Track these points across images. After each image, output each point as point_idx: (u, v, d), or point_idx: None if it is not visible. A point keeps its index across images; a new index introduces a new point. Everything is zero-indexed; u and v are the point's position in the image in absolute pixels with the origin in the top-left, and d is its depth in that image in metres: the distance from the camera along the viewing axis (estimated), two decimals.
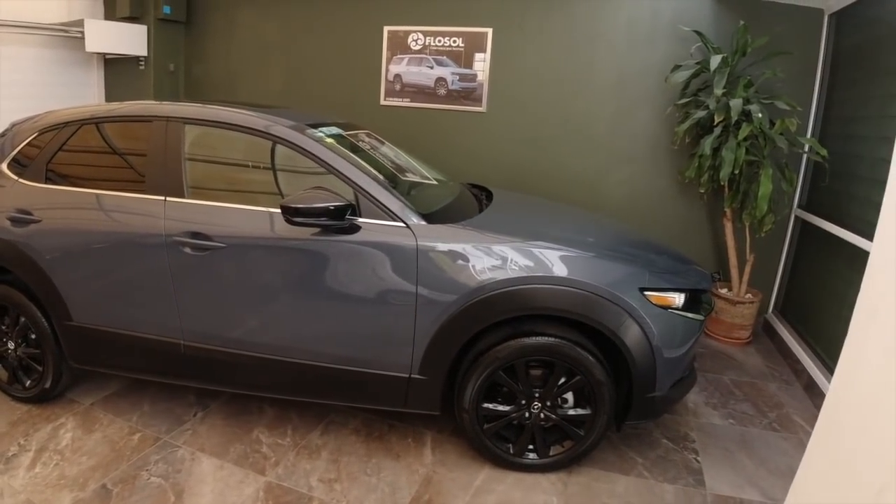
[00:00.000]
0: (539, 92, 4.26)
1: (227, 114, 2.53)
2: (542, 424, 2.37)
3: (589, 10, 4.05)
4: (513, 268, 2.21)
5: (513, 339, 2.26)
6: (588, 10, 4.05)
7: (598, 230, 2.99)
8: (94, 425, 2.70)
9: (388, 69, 4.63)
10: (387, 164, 2.82)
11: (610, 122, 4.14)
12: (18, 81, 4.89)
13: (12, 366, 2.86)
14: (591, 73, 4.12)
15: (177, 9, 5.34)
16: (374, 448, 2.58)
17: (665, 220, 4.09)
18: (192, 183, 2.45)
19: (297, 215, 2.16)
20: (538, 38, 4.19)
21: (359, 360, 2.37)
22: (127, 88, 5.57)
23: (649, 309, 2.25)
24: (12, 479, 2.32)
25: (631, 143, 4.11)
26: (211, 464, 2.44)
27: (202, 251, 2.37)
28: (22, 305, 2.71)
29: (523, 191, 4.01)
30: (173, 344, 2.53)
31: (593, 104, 4.15)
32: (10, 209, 2.65)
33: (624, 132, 4.11)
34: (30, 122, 2.89)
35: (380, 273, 2.26)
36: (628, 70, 4.03)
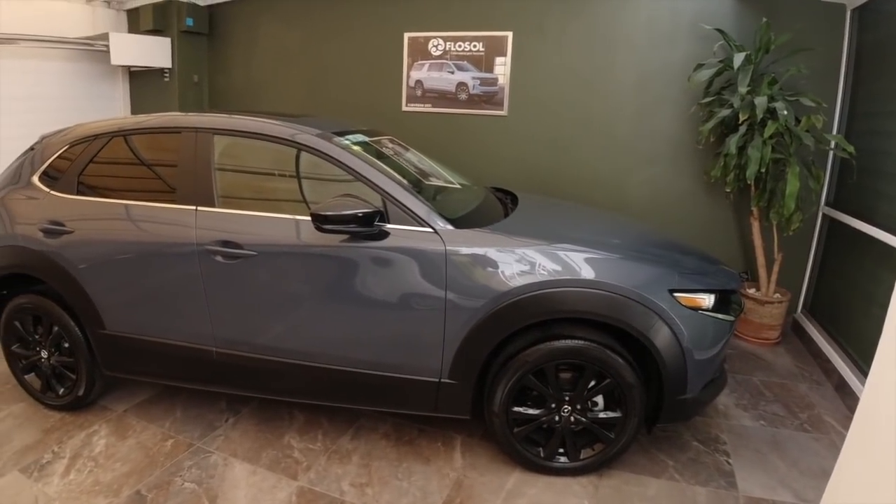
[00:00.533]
0: (560, 94, 4.25)
1: (254, 124, 2.56)
2: (573, 428, 2.37)
3: (609, 11, 4.04)
4: (541, 271, 2.21)
5: (542, 342, 2.26)
6: (608, 10, 4.04)
7: (625, 232, 2.97)
8: (128, 432, 2.75)
9: (410, 75, 4.66)
10: (412, 170, 2.84)
11: (632, 122, 4.12)
12: (45, 95, 5.00)
13: (45, 374, 2.91)
14: (613, 74, 4.10)
15: (199, 21, 5.44)
16: (404, 452, 2.59)
17: (690, 221, 4.05)
18: (222, 192, 2.49)
19: (327, 223, 2.18)
20: (558, 40, 4.19)
21: (389, 366, 2.38)
22: (152, 100, 5.66)
23: (679, 310, 2.23)
24: (46, 486, 2.36)
25: (654, 144, 4.09)
26: (244, 469, 2.47)
27: (233, 259, 2.41)
28: (55, 315, 2.77)
29: (546, 193, 4.00)
30: (205, 351, 2.57)
31: (615, 105, 4.14)
32: (43, 220, 2.71)
33: (646, 132, 4.08)
34: (59, 135, 2.95)
35: (409, 278, 2.27)
36: (650, 70, 4.01)
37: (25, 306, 2.84)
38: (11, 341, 2.94)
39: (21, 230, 2.77)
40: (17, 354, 2.96)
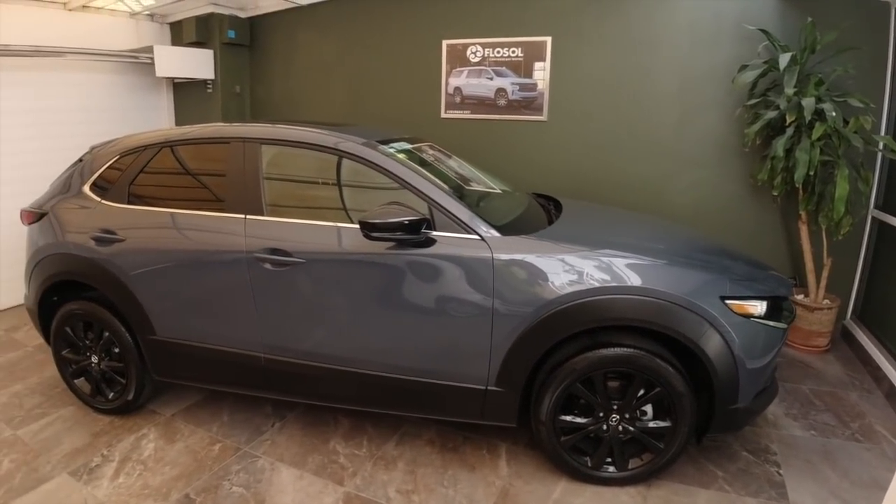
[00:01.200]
0: (601, 98, 4.21)
1: (301, 133, 2.60)
2: (621, 437, 2.33)
3: (649, 14, 3.99)
4: (589, 278, 2.18)
5: (590, 350, 2.23)
6: (648, 13, 3.99)
7: (671, 237, 2.93)
8: (176, 436, 2.80)
9: (448, 82, 4.67)
10: (455, 178, 2.84)
11: (675, 126, 4.05)
12: (93, 107, 5.13)
13: (95, 379, 2.99)
14: (654, 77, 4.04)
15: (240, 33, 5.55)
16: (449, 459, 2.58)
17: (736, 225, 3.96)
18: (270, 201, 2.53)
19: (375, 230, 2.20)
20: (598, 44, 4.15)
21: (435, 373, 2.38)
22: (195, 111, 5.79)
23: (731, 318, 2.18)
24: (96, 489, 2.42)
25: (698, 147, 4.01)
26: (290, 474, 2.49)
27: (282, 266, 2.44)
28: (106, 321, 2.84)
29: (589, 198, 3.96)
30: (254, 357, 2.60)
31: (657, 108, 4.07)
32: (95, 229, 2.78)
33: (690, 136, 4.01)
34: (109, 146, 3.03)
35: (455, 286, 2.27)
36: (692, 72, 3.94)
37: (76, 312, 2.91)
38: (62, 346, 3.03)
39: (72, 238, 2.85)
40: (68, 359, 3.04)
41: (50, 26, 4.71)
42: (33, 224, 3.06)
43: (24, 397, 3.19)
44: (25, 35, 4.46)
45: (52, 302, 3.04)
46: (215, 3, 5.30)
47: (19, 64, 4.51)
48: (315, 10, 5.24)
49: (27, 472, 2.52)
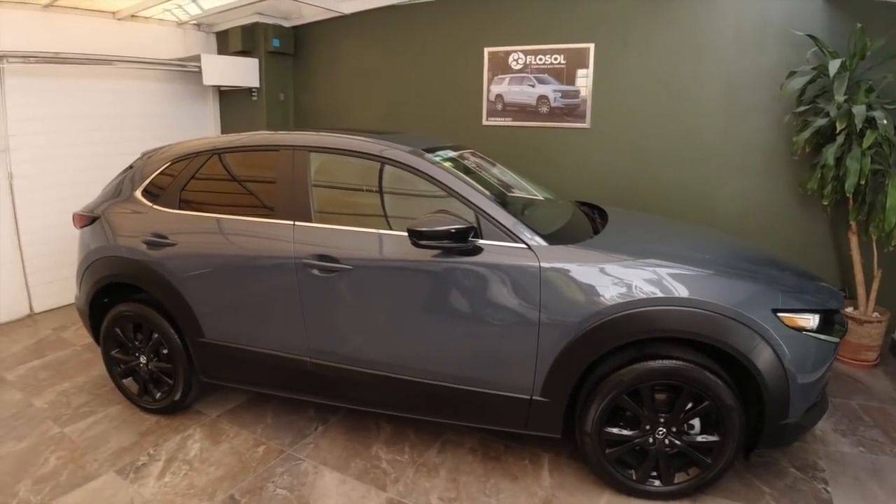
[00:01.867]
0: (645, 105, 4.17)
1: (349, 141, 2.64)
2: (667, 450, 2.29)
3: (694, 19, 3.93)
4: (637, 289, 2.16)
5: (638, 362, 2.21)
6: (693, 18, 3.93)
7: (720, 247, 2.88)
8: (221, 437, 2.85)
9: (490, 90, 4.67)
10: (499, 185, 2.85)
11: (721, 133, 3.98)
12: (141, 113, 5.29)
13: (143, 379, 3.06)
14: (700, 84, 3.98)
15: (285, 42, 5.66)
16: (491, 468, 2.58)
17: (785, 235, 3.88)
18: (318, 208, 2.57)
19: (423, 238, 2.21)
20: (642, 50, 4.11)
21: (480, 381, 2.38)
22: (241, 118, 5.92)
23: (783, 331, 2.14)
24: (142, 487, 2.47)
25: (745, 155, 3.94)
26: (333, 478, 2.52)
27: (329, 273, 2.47)
28: (155, 322, 2.91)
29: (632, 207, 3.90)
30: (300, 361, 2.64)
31: (703, 115, 4.01)
32: (146, 233, 2.86)
33: (737, 143, 3.94)
34: (160, 152, 3.12)
35: (502, 294, 2.27)
36: (739, 78, 3.86)
37: (126, 314, 3.00)
38: (111, 346, 3.11)
39: (124, 242, 2.94)
40: (117, 359, 3.12)
41: (100, 35, 4.86)
42: (85, 227, 3.16)
43: (71, 395, 3.29)
44: (76, 43, 4.62)
45: (103, 303, 3.13)
46: (260, 13, 5.41)
47: (70, 71, 4.67)
48: (358, 19, 5.32)
49: (74, 470, 2.59)
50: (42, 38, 4.43)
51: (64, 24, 4.63)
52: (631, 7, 4.10)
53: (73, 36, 4.65)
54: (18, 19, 4.35)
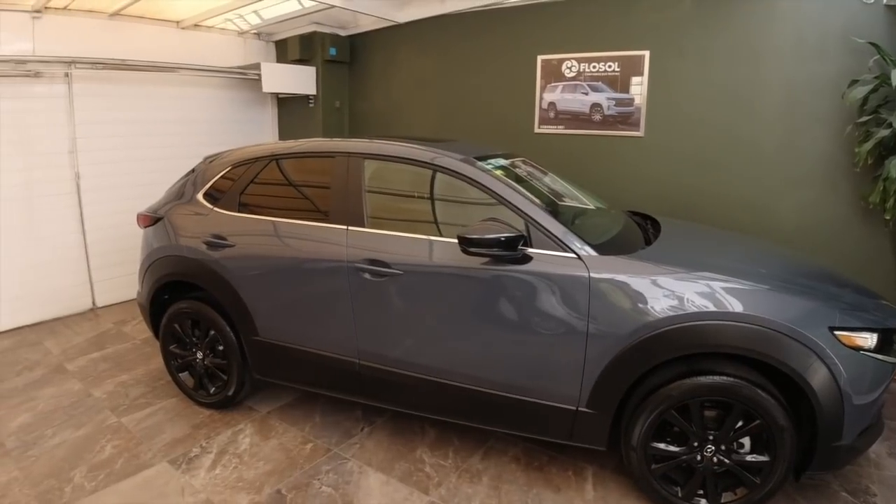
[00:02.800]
0: (701, 114, 4.08)
1: (402, 149, 2.71)
2: (715, 469, 2.24)
3: (752, 27, 3.84)
4: (689, 302, 2.13)
5: (687, 377, 2.17)
6: (751, 26, 3.84)
7: (776, 261, 2.81)
8: (271, 433, 2.94)
9: (542, 97, 4.67)
10: (550, 194, 2.85)
11: (780, 142, 3.86)
12: (203, 119, 5.53)
13: (199, 374, 3.19)
14: (758, 91, 3.88)
15: (341, 50, 5.82)
16: (534, 478, 2.58)
17: (845, 250, 3.72)
18: (370, 213, 2.64)
19: (473, 245, 2.24)
20: (699, 57, 4.03)
21: (526, 390, 2.39)
22: (298, 124, 6.10)
23: (839, 350, 2.07)
24: (193, 478, 2.57)
25: (804, 166, 3.81)
26: (377, 479, 2.57)
27: (380, 277, 2.53)
28: (212, 320, 3.03)
29: (686, 218, 3.84)
30: (349, 362, 2.71)
31: (761, 124, 3.90)
32: (207, 234, 2.99)
33: (797, 154, 3.81)
34: (221, 157, 3.25)
35: (550, 303, 2.28)
36: (798, 87, 3.75)
37: (185, 310, 3.13)
38: (170, 341, 3.25)
39: (186, 242, 3.07)
40: (174, 354, 3.27)
41: (164, 43, 5.11)
42: (149, 227, 3.31)
43: (130, 387, 3.46)
44: (141, 51, 4.86)
45: (163, 300, 3.28)
46: (318, 23, 5.57)
47: (135, 78, 4.92)
48: (413, 28, 5.41)
49: (128, 459, 2.72)
50: (109, 46, 4.68)
51: (130, 33, 4.88)
52: (687, 14, 4.03)
53: (138, 44, 4.90)
54: (86, 27, 4.61)
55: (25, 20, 4.27)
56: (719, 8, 3.91)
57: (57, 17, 4.43)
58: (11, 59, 4.14)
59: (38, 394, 3.36)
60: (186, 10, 4.99)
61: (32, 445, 2.82)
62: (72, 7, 4.43)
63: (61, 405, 3.23)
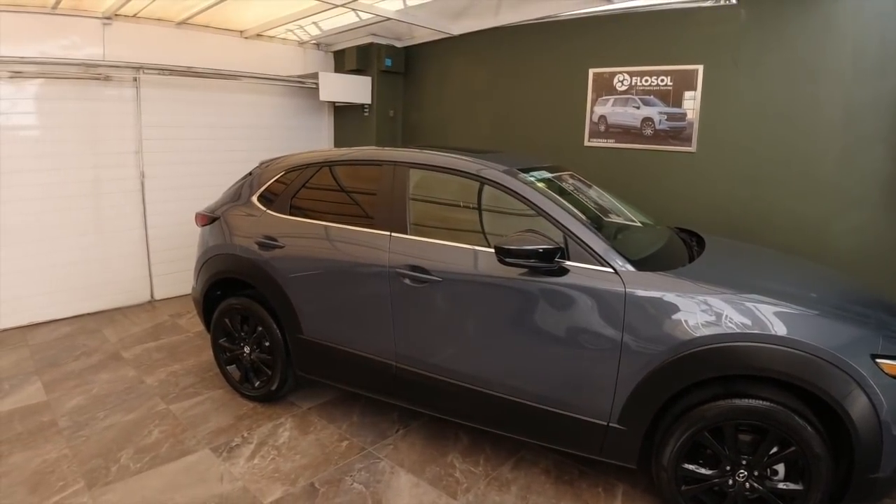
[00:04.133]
0: (755, 130, 3.98)
1: (446, 159, 2.78)
2: (747, 495, 2.19)
3: (810, 41, 3.73)
4: (727, 322, 2.11)
5: (723, 398, 2.14)
6: (809, 41, 3.74)
7: (824, 284, 2.74)
8: (309, 428, 3.05)
9: (593, 111, 4.66)
10: (593, 208, 2.87)
11: (838, 162, 3.72)
12: (263, 125, 5.79)
13: (245, 367, 3.34)
14: (815, 109, 3.76)
15: (396, 61, 5.98)
16: (562, 491, 2.58)
17: None
18: (414, 220, 2.72)
19: (510, 256, 2.28)
20: (754, 72, 3.94)
21: (557, 401, 2.41)
22: (352, 132, 6.29)
23: (881, 379, 2.00)
24: (233, 466, 2.70)
25: (863, 186, 3.65)
26: (408, 480, 2.63)
27: (420, 283, 2.61)
28: (261, 317, 3.17)
29: (737, 236, 3.76)
30: (386, 364, 2.79)
31: (818, 142, 3.77)
32: (259, 235, 3.14)
33: (854, 173, 3.66)
34: (276, 162, 3.41)
35: (585, 317, 2.29)
36: (857, 104, 3.61)
37: (236, 306, 3.29)
38: (220, 335, 3.42)
39: (239, 241, 3.23)
40: (223, 347, 3.43)
41: (228, 52, 5.38)
42: (205, 226, 3.50)
43: (180, 377, 3.64)
44: (206, 59, 5.13)
45: (216, 295, 3.45)
46: (374, 34, 5.75)
47: (199, 84, 5.20)
48: (466, 40, 5.50)
49: (173, 444, 2.87)
50: (175, 53, 4.96)
51: (196, 41, 5.16)
52: (741, 28, 3.95)
53: (203, 52, 5.16)
54: (154, 34, 4.90)
55: (96, 26, 4.57)
56: (775, 22, 3.83)
57: (126, 24, 4.72)
58: (83, 62, 4.45)
59: (94, 378, 3.58)
60: (250, 20, 5.24)
61: (84, 426, 3.01)
62: (141, 15, 4.71)
63: (115, 390, 3.43)
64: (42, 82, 4.34)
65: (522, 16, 4.93)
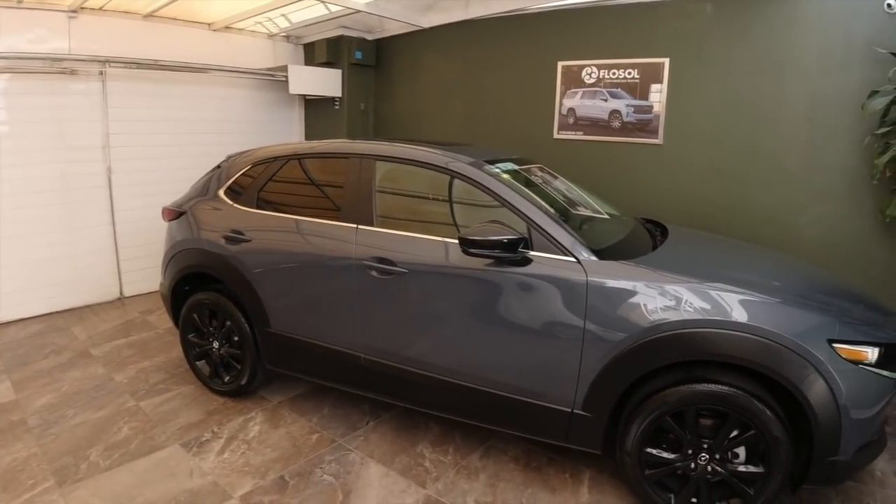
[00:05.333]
0: (721, 123, 4.05)
1: (412, 151, 2.78)
2: (709, 478, 2.24)
3: (775, 36, 3.79)
4: (687, 309, 2.15)
5: (684, 384, 2.19)
6: (774, 35, 3.80)
7: (786, 273, 2.79)
8: (280, 422, 3.04)
9: (562, 103, 4.69)
10: (559, 199, 2.89)
11: (801, 154, 3.81)
12: (232, 118, 5.71)
13: (215, 362, 3.32)
14: (779, 103, 3.83)
15: (367, 54, 5.94)
16: (531, 478, 2.61)
17: (863, 264, 3.65)
18: (380, 213, 2.72)
19: (473, 247, 2.30)
20: (720, 66, 4.00)
21: (523, 390, 2.43)
22: (324, 125, 6.24)
23: (838, 363, 2.05)
24: (203, 461, 2.69)
25: (825, 178, 3.74)
26: (378, 470, 2.64)
27: (386, 275, 2.61)
28: (229, 311, 3.15)
29: (704, 227, 3.81)
30: (354, 356, 2.80)
31: (781, 135, 3.85)
32: (226, 229, 3.11)
33: (817, 165, 3.76)
34: (243, 155, 3.38)
35: (548, 306, 2.32)
36: (821, 98, 3.69)
37: (204, 301, 3.26)
38: (189, 331, 3.39)
39: (206, 236, 3.20)
40: (193, 343, 3.40)
41: (196, 45, 5.30)
42: (173, 221, 3.46)
43: (150, 373, 3.60)
44: (173, 52, 5.04)
45: (184, 291, 3.42)
46: (345, 27, 5.70)
47: (167, 78, 5.10)
48: (437, 33, 5.49)
49: (143, 440, 2.85)
50: (142, 46, 4.88)
51: (163, 34, 5.07)
52: (708, 22, 4.01)
53: (170, 45, 5.08)
54: (121, 28, 4.81)
55: (62, 20, 4.47)
56: (741, 17, 3.89)
57: (92, 17, 4.63)
58: (49, 56, 4.35)
59: (64, 376, 3.53)
60: (218, 13, 5.17)
61: (54, 424, 2.97)
62: (107, 8, 4.62)
63: (84, 388, 3.38)
64: (7, 77, 4.24)
65: (492, 9, 4.94)
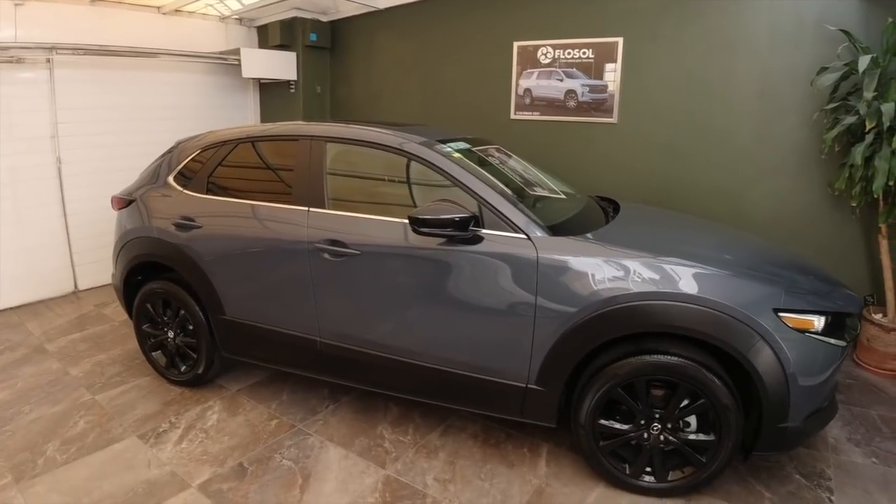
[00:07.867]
0: (674, 101, 4.10)
1: (364, 132, 2.74)
2: (662, 447, 2.29)
3: (727, 14, 3.84)
4: (636, 282, 2.17)
5: (634, 355, 2.21)
6: (726, 14, 3.84)
7: (736, 246, 2.84)
8: (238, 409, 3.01)
9: (519, 84, 4.68)
10: (513, 178, 2.88)
11: (752, 130, 3.88)
12: (184, 104, 5.55)
13: (170, 352, 3.26)
14: (731, 80, 3.89)
15: (322, 36, 5.83)
16: (489, 454, 2.64)
17: (814, 237, 3.76)
18: (332, 195, 2.68)
19: (424, 226, 2.29)
20: (673, 45, 4.04)
21: (478, 367, 2.44)
22: (279, 109, 6.13)
23: (784, 332, 2.10)
24: (160, 452, 2.66)
25: (776, 153, 3.83)
26: (337, 453, 2.64)
27: (339, 257, 2.58)
28: (182, 300, 3.09)
29: (658, 204, 3.87)
30: (311, 340, 2.77)
31: (733, 112, 3.92)
32: (176, 216, 3.04)
33: (768, 141, 3.84)
34: (193, 140, 3.29)
35: (500, 283, 2.32)
36: (771, 75, 3.76)
37: (157, 291, 3.19)
38: (143, 321, 3.32)
39: (157, 224, 3.13)
40: (147, 333, 3.33)
41: (145, 29, 5.13)
42: (122, 210, 3.37)
43: (106, 366, 3.53)
44: (122, 37, 4.88)
45: (136, 281, 3.34)
46: (299, 8, 5.58)
47: (117, 63, 4.94)
48: (393, 14, 5.43)
49: (100, 433, 2.80)
50: (90, 32, 4.70)
51: (111, 19, 4.90)
52: (661, 2, 4.04)
53: (119, 30, 4.91)
54: (67, 13, 4.63)
55: (8, 7, 4.29)
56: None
57: (39, 3, 4.45)
58: None
59: (18, 373, 3.44)
60: None
61: (9, 421, 2.89)
62: None
63: (39, 383, 3.30)
64: None
65: None
